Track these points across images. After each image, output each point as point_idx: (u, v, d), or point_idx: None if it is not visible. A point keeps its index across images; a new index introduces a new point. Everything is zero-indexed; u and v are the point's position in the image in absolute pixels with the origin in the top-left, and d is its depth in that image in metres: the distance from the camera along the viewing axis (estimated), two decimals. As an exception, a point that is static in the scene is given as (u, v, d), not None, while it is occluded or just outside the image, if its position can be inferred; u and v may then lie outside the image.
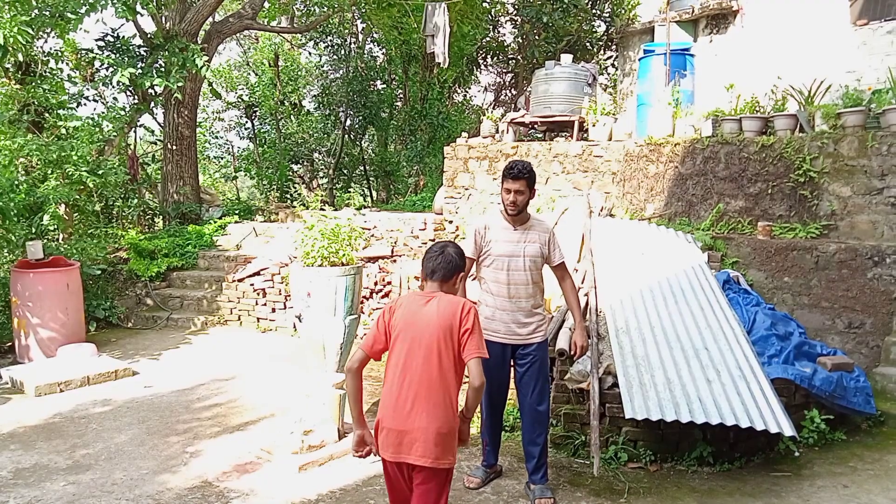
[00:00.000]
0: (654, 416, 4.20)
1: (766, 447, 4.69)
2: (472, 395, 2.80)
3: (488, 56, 16.36)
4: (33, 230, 7.89)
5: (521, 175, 3.87)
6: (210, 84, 11.56)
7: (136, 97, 10.91)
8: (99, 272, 8.51)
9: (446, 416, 2.76)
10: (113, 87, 10.59)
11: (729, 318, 5.15)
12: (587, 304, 5.37)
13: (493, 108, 17.35)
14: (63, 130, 9.54)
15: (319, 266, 5.00)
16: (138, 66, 9.67)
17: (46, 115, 9.54)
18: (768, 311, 5.58)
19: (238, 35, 16.40)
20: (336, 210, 5.51)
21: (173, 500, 4.02)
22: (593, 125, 8.03)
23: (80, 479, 4.27)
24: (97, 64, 10.57)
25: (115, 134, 10.32)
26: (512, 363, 4.12)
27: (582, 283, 5.67)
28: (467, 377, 2.83)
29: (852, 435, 4.98)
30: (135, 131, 12.07)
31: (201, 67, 9.57)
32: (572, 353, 4.17)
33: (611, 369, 4.72)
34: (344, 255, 5.12)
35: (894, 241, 5.98)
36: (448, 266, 2.95)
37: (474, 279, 4.23)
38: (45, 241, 7.97)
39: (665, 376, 4.49)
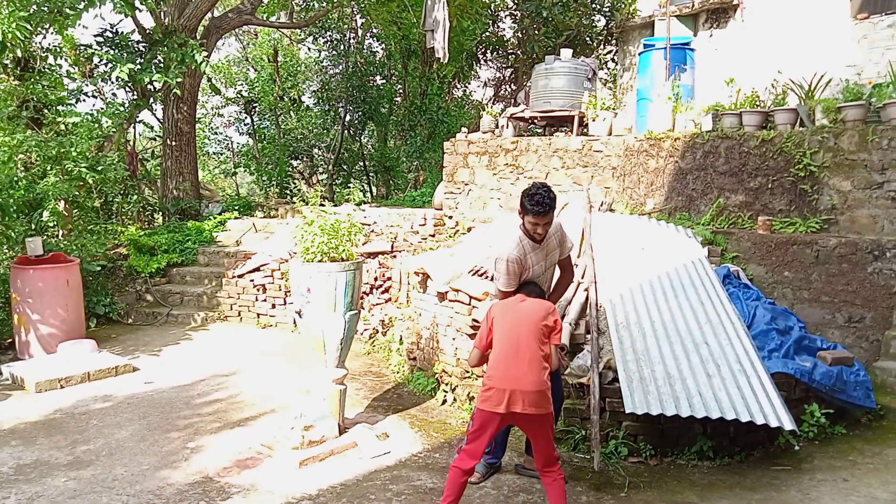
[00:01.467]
0: (654, 411, 4.20)
1: (766, 441, 4.70)
2: (554, 359, 3.68)
3: (488, 51, 16.33)
4: (33, 226, 7.88)
5: (550, 209, 3.79)
6: (209, 80, 11.54)
7: (135, 93, 10.88)
8: (99, 268, 8.51)
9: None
10: (112, 82, 10.57)
11: (729, 312, 5.15)
12: (587, 299, 5.37)
13: (493, 104, 17.32)
14: (62, 126, 9.52)
15: (319, 261, 4.99)
16: (137, 61, 9.65)
17: (45, 111, 9.52)
18: (768, 305, 5.59)
19: (237, 30, 16.35)
20: (336, 206, 5.50)
21: (174, 495, 4.03)
22: (593, 120, 8.02)
23: (80, 475, 4.27)
24: (96, 60, 10.55)
25: (114, 130, 10.29)
26: None
27: (582, 277, 5.67)
28: None
29: (852, 429, 4.98)
30: (134, 127, 12.04)
31: (200, 63, 9.55)
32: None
33: (611, 364, 4.72)
34: (344, 250, 5.11)
35: (894, 235, 5.97)
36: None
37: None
38: (45, 237, 7.96)
39: (665, 371, 4.49)
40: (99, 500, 3.94)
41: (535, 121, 8.92)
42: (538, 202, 3.76)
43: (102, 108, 10.69)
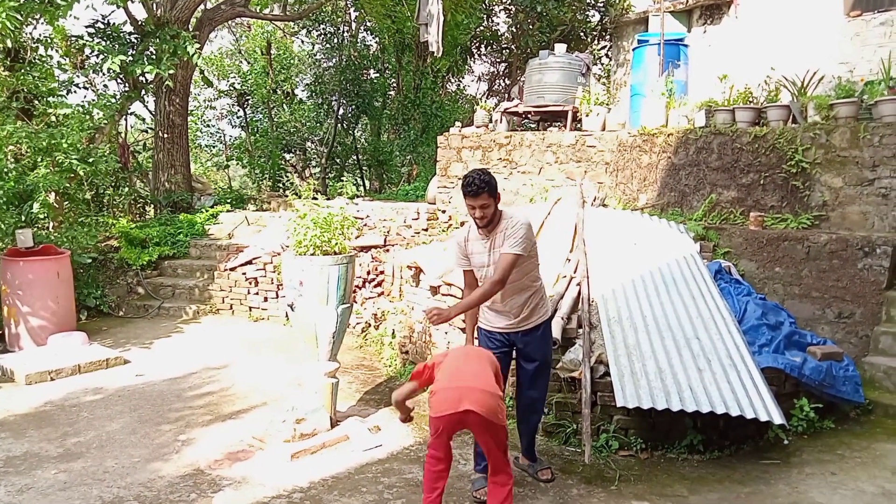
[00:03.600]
0: (645, 405, 4.22)
1: (755, 435, 4.73)
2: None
3: (482, 45, 16.30)
4: (23, 218, 7.82)
5: (480, 190, 3.69)
6: (202, 72, 11.48)
7: (126, 85, 10.80)
8: (90, 260, 8.46)
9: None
10: (103, 74, 10.48)
11: (720, 307, 5.18)
12: (579, 293, 5.38)
13: (487, 98, 17.30)
14: (53, 118, 9.45)
15: (312, 255, 4.98)
16: (129, 53, 9.57)
17: (36, 102, 9.45)
18: (759, 300, 5.62)
19: (230, 22, 16.26)
20: (329, 199, 5.49)
21: (165, 487, 4.02)
22: (587, 115, 8.02)
23: (71, 467, 4.26)
24: (87, 51, 10.46)
25: (105, 122, 10.21)
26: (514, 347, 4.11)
27: (574, 272, 5.68)
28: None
29: (841, 423, 5.02)
30: (125, 119, 11.96)
31: (193, 55, 9.49)
32: (423, 309, 4.02)
33: (602, 358, 4.74)
34: (336, 243, 5.11)
35: (884, 231, 6.01)
36: None
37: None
38: (35, 229, 7.90)
39: (656, 365, 4.52)
40: (89, 492, 3.93)
41: (529, 116, 8.91)
42: (468, 183, 3.73)
43: (94, 100, 10.60)
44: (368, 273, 8.22)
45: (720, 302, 5.26)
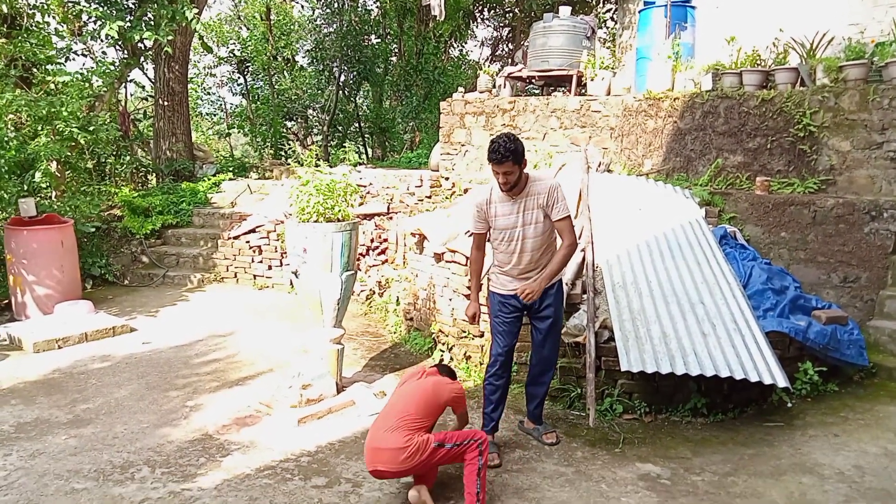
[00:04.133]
0: (649, 369, 4.24)
1: (759, 399, 4.76)
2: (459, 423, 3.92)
3: (485, 9, 16.05)
4: (25, 187, 7.80)
5: (504, 159, 3.73)
6: (201, 38, 11.29)
7: (125, 51, 10.68)
8: (93, 230, 8.46)
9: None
10: (101, 41, 10.36)
11: (725, 272, 5.16)
12: (584, 259, 5.37)
13: (490, 63, 17.09)
14: (52, 86, 9.36)
15: (315, 222, 4.96)
16: (127, 19, 9.43)
17: (34, 70, 9.35)
18: (764, 265, 5.60)
19: (228, -13, 15.99)
20: (331, 167, 5.44)
21: (174, 452, 4.07)
22: (592, 79, 7.90)
23: (81, 433, 4.31)
24: (84, 17, 10.31)
25: (105, 89, 10.12)
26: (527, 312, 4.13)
27: (579, 238, 5.66)
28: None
29: (844, 386, 5.05)
30: (125, 87, 11.86)
31: (191, 20, 9.34)
32: (517, 292, 3.98)
33: (607, 324, 4.75)
34: (339, 210, 5.08)
35: (892, 195, 5.96)
36: None
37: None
38: (38, 198, 7.89)
39: (661, 330, 4.52)
40: (100, 457, 3.98)
41: (533, 80, 8.79)
42: (493, 150, 3.75)
43: (92, 68, 10.50)
44: (372, 241, 8.21)
45: (725, 267, 5.24)
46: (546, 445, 4.18)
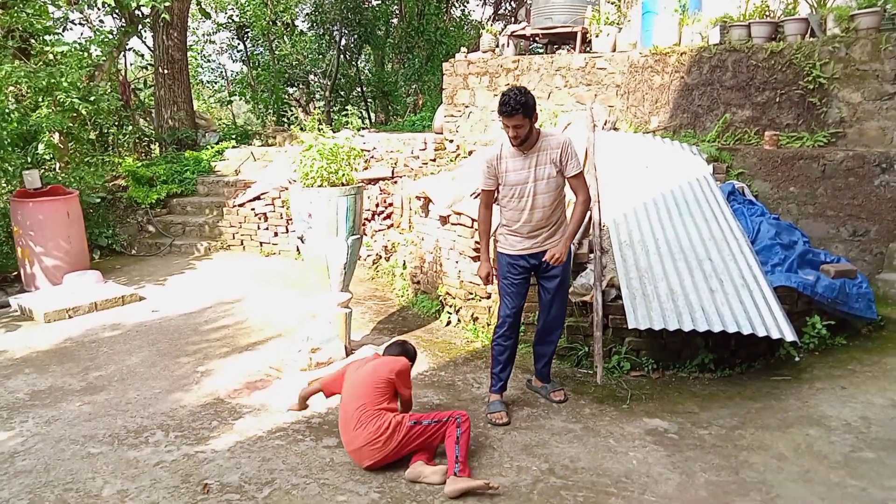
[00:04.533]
0: (656, 326, 4.24)
1: (766, 353, 4.77)
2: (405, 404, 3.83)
3: (486, -33, 15.70)
4: (29, 160, 7.79)
5: (514, 111, 3.69)
6: (198, 3, 11.12)
7: (122, 19, 10.53)
8: (98, 200, 8.47)
9: None
10: (98, 8, 10.24)
11: (733, 228, 5.13)
12: (590, 218, 5.33)
13: (493, 22, 16.79)
14: (50, 56, 9.27)
15: (319, 186, 4.94)
16: (122, -15, 9.29)
17: (32, 41, 9.26)
18: (773, 220, 5.55)
19: (225, -49, 15.68)
20: (334, 132, 5.39)
21: (187, 416, 4.12)
22: (596, 36, 7.76)
23: (94, 400, 4.37)
24: (80, -16, 10.17)
25: (104, 59, 10.02)
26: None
27: (585, 197, 5.61)
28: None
29: (852, 339, 5.04)
30: (124, 56, 11.74)
31: (188, -15, 9.19)
32: (544, 259, 3.98)
33: (614, 282, 4.74)
34: (343, 174, 5.05)
35: (903, 147, 5.88)
36: None
37: (496, 202, 4.15)
38: (42, 170, 7.88)
39: (668, 287, 4.51)
40: (114, 422, 4.04)
41: (537, 38, 8.64)
42: (503, 102, 3.71)
43: (91, 37, 10.38)
44: (377, 205, 8.18)
45: (733, 223, 5.20)
46: (554, 403, 4.21)
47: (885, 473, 3.33)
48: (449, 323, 5.80)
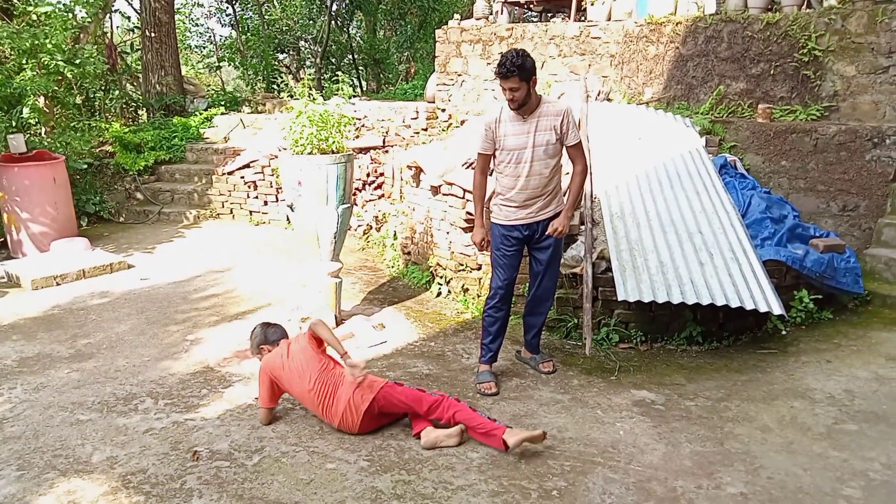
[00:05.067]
0: (646, 298, 4.26)
1: (754, 327, 4.81)
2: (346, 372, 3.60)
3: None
4: (13, 123, 7.64)
5: (510, 73, 3.65)
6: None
7: (108, -20, 10.27)
8: (85, 166, 8.35)
9: None
10: (82, -32, 9.93)
11: (724, 201, 5.13)
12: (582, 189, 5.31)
13: (487, -10, 16.49)
14: (34, 17, 9.05)
15: (309, 154, 4.88)
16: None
17: (15, 1, 9.02)
18: (764, 194, 5.56)
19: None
20: (325, 99, 5.32)
21: (177, 384, 4.13)
22: (591, 4, 7.64)
23: (83, 367, 4.36)
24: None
25: (89, 20, 9.80)
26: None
27: (577, 169, 5.59)
28: None
29: (839, 314, 5.09)
30: (110, 18, 11.47)
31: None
32: (547, 232, 4.00)
33: (604, 254, 4.74)
34: (334, 142, 4.99)
35: (896, 122, 5.87)
36: None
37: (491, 174, 4.11)
38: (28, 135, 7.74)
39: (658, 260, 4.52)
40: (103, 389, 4.04)
41: (531, 6, 8.52)
42: (500, 63, 3.68)
43: (75, -3, 10.11)
44: (368, 175, 8.12)
45: (724, 196, 5.20)
46: (543, 374, 4.24)
47: (866, 445, 3.39)
48: (439, 294, 5.80)
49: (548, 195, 3.98)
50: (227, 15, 16.53)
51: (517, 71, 3.64)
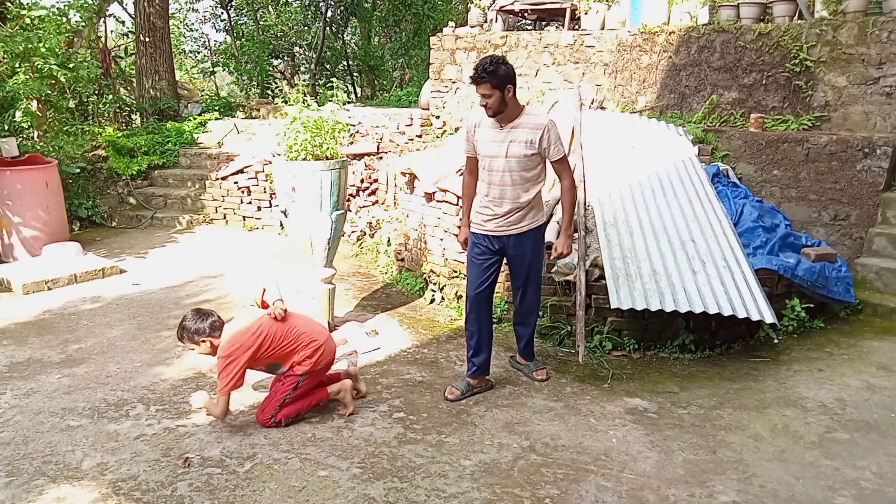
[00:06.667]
0: (639, 306, 4.27)
1: (746, 335, 4.83)
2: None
3: (476, -60, 15.43)
4: (6, 127, 7.62)
5: (481, 79, 3.57)
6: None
7: (102, -16, 10.26)
8: (78, 170, 8.32)
9: None
10: (77, -28, 9.94)
11: (716, 210, 5.15)
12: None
13: (481, -2, 16.56)
14: (28, 21, 9.02)
15: (303, 160, 4.88)
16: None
17: (8, 4, 9.00)
18: (756, 203, 5.60)
19: (208, -84, 15.30)
20: (319, 105, 5.32)
21: (168, 390, 4.10)
22: (585, 13, 7.70)
23: (74, 372, 4.33)
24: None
25: (83, 24, 9.79)
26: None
27: (571, 176, 5.60)
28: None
29: (830, 322, 5.12)
30: (104, 22, 11.45)
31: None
32: (552, 256, 4.00)
33: (597, 262, 4.75)
34: (328, 148, 4.99)
35: (886, 132, 5.91)
36: None
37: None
38: (20, 139, 7.71)
39: (651, 268, 4.53)
40: (94, 395, 4.01)
41: (526, 14, 8.55)
42: (474, 69, 3.64)
43: (70, 2, 10.11)
44: (362, 181, 8.12)
45: (717, 205, 5.23)
46: (536, 381, 4.24)
47: (857, 454, 3.40)
48: (433, 301, 5.80)
49: (521, 209, 3.85)
50: (221, 20, 16.54)
51: (487, 77, 3.57)
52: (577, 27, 7.85)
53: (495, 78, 3.58)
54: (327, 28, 15.59)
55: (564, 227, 3.95)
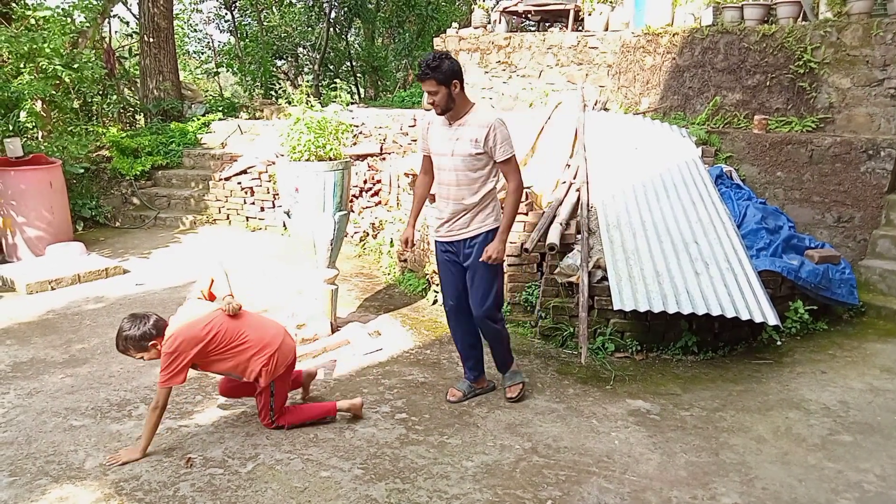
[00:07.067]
0: (641, 308, 4.27)
1: (749, 337, 4.82)
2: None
3: (480, -59, 15.44)
4: (10, 127, 7.64)
5: (424, 75, 3.45)
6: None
7: (107, -15, 10.29)
8: (82, 171, 8.34)
9: None
10: (81, -27, 9.96)
11: (720, 212, 5.15)
12: (578, 199, 5.33)
13: (485, -1, 16.58)
14: (33, 21, 9.05)
15: (307, 160, 4.88)
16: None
17: (14, 5, 9.02)
18: (759, 205, 5.58)
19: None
20: (323, 106, 5.33)
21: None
22: (589, 14, 7.70)
23: (77, 372, 4.34)
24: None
25: (87, 25, 9.81)
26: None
27: (574, 178, 5.61)
28: None
29: (834, 325, 5.11)
30: (109, 23, 11.48)
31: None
32: (481, 258, 3.64)
33: (600, 263, 4.75)
34: (331, 149, 4.99)
35: (890, 134, 5.90)
36: None
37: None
38: (24, 139, 7.73)
39: (654, 269, 4.53)
40: (97, 395, 4.02)
41: (529, 16, 8.56)
42: (418, 65, 3.54)
43: (74, 2, 10.14)
44: (365, 182, 8.12)
45: (720, 206, 5.22)
46: (506, 398, 3.99)
47: (860, 456, 3.39)
48: (436, 301, 5.80)
49: (467, 211, 3.68)
50: (225, 21, 16.58)
51: (431, 73, 3.44)
52: (580, 28, 7.85)
53: (440, 73, 3.45)
54: (331, 29, 15.61)
55: (501, 230, 3.66)
